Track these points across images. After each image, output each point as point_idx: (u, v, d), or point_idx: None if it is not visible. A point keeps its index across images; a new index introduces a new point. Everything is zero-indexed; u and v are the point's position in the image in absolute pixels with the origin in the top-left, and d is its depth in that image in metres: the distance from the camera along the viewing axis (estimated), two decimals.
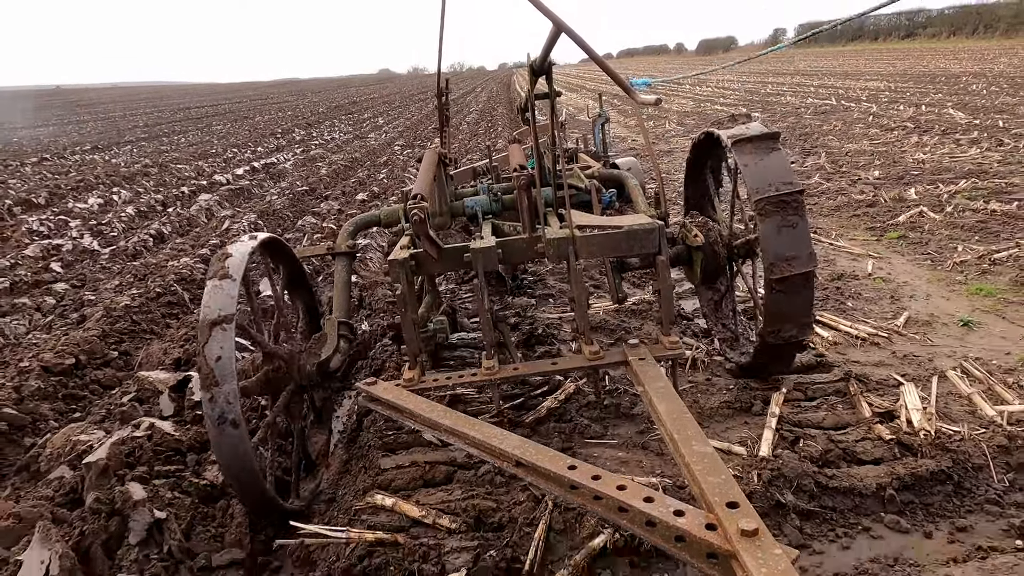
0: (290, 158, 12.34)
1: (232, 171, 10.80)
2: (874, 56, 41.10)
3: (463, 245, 2.74)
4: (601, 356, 2.59)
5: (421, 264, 2.74)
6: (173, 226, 7.36)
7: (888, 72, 24.56)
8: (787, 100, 16.06)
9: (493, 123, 16.38)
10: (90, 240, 6.80)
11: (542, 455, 1.92)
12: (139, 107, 34.69)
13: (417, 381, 2.63)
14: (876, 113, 12.31)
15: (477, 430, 2.13)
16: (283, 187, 9.30)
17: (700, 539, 1.48)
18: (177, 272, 5.27)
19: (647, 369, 2.39)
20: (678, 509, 1.57)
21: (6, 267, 5.80)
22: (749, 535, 1.42)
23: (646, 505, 1.61)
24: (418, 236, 2.63)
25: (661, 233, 2.63)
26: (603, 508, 1.72)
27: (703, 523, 1.52)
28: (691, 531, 1.50)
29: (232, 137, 16.63)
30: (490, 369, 2.62)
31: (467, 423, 2.20)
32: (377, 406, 2.55)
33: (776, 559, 1.35)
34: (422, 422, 2.35)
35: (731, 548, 1.42)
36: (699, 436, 1.86)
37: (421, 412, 2.33)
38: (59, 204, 8.98)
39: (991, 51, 34.51)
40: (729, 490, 1.59)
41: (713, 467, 1.69)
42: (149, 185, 10.11)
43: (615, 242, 2.66)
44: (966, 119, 10.57)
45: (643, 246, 2.65)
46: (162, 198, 8.86)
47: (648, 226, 2.63)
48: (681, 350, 2.65)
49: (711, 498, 1.57)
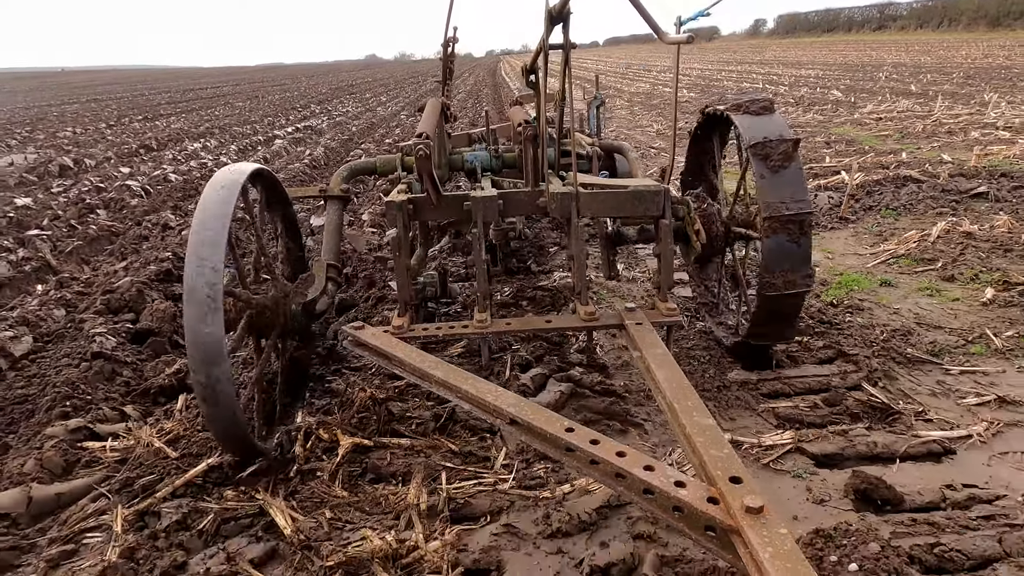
0: (323, 122, 15.20)
1: (283, 130, 13.74)
2: (836, 47, 44.26)
3: (463, 194, 2.69)
4: (596, 317, 2.53)
5: (419, 209, 2.69)
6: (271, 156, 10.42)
7: (831, 62, 27.66)
8: (725, 84, 19.15)
9: (479, 103, 19.30)
10: (224, 160, 9.95)
11: (539, 415, 1.84)
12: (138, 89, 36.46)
13: (406, 329, 2.54)
14: (781, 94, 15.43)
15: (471, 384, 2.03)
16: (327, 139, 12.15)
17: (702, 512, 1.44)
18: (291, 170, 8.37)
19: (644, 335, 2.32)
20: (679, 480, 1.52)
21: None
22: (754, 512, 1.37)
23: (646, 473, 1.56)
24: (420, 175, 2.59)
25: (666, 196, 2.57)
26: (600, 473, 1.67)
27: (705, 496, 1.48)
28: (693, 503, 1.46)
29: (258, 111, 19.22)
30: (482, 322, 2.55)
31: (460, 376, 2.09)
32: (364, 351, 2.46)
33: (782, 538, 1.31)
34: (411, 371, 2.24)
35: (734, 524, 1.38)
36: (700, 407, 1.80)
37: (411, 361, 2.23)
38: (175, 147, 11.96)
39: (950, 43, 37.64)
40: (732, 464, 1.54)
41: (715, 440, 1.64)
42: (226, 138, 13.05)
43: (619, 201, 2.59)
44: (837, 97, 13.72)
45: (647, 208, 2.58)
46: (247, 144, 11.86)
47: (654, 188, 2.57)
48: (678, 317, 2.57)
49: (713, 472, 1.52)
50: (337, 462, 2.30)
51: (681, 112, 12.98)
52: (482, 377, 2.24)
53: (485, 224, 2.77)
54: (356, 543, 1.93)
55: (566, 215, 2.59)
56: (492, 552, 1.92)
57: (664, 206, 2.59)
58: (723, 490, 1.46)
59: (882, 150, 7.74)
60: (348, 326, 2.53)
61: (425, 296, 2.98)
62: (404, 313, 2.65)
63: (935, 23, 64.67)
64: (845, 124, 10.20)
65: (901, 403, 2.58)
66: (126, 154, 11.35)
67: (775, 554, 1.27)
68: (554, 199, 2.58)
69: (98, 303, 3.89)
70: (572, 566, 1.86)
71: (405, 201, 2.64)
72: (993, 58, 24.30)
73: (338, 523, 2.05)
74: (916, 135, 8.80)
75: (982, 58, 24.76)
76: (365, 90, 27.94)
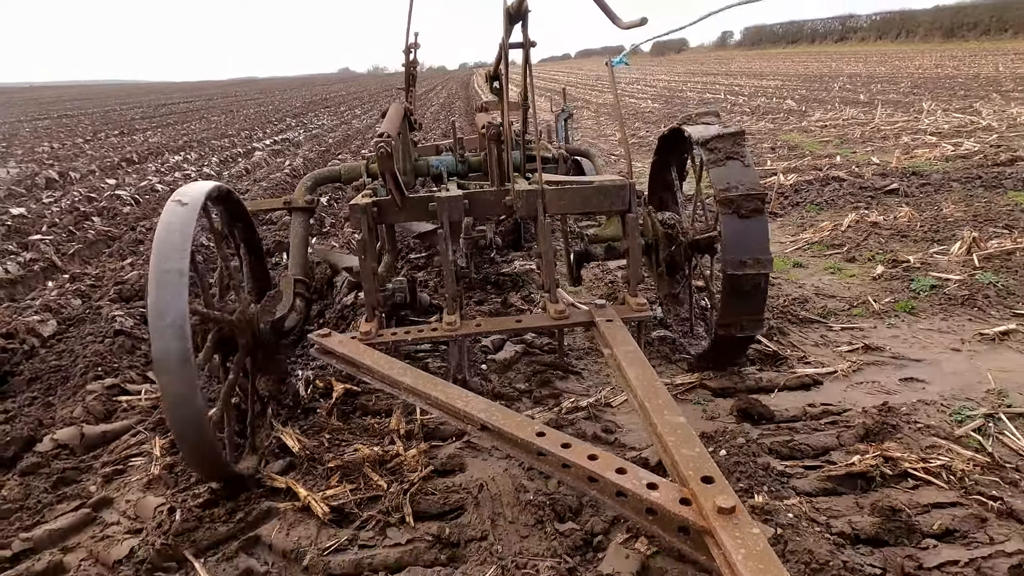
0: (300, 135, 15.70)
1: (261, 143, 14.19)
2: (799, 58, 45.69)
3: (428, 195, 2.69)
4: (567, 315, 2.53)
5: (384, 212, 2.67)
6: (252, 167, 10.87)
7: (791, 73, 28.77)
8: (688, 95, 20.00)
9: (452, 115, 19.95)
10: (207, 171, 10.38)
11: (509, 419, 1.83)
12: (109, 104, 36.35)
13: (374, 334, 2.50)
14: (740, 103, 16.27)
15: (440, 390, 2.02)
16: (305, 150, 12.62)
17: (674, 514, 1.45)
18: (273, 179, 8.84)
19: (615, 332, 2.32)
20: (651, 482, 1.53)
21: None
22: (726, 512, 1.37)
23: (618, 476, 1.56)
24: (383, 175, 2.55)
25: (631, 190, 2.60)
26: (572, 477, 1.67)
27: (677, 497, 1.48)
28: (665, 505, 1.46)
29: (234, 125, 19.61)
30: (451, 324, 2.52)
31: (429, 382, 2.08)
32: (331, 359, 2.42)
33: (754, 538, 1.31)
34: (380, 379, 2.21)
35: (707, 525, 1.38)
36: (671, 405, 1.81)
37: (379, 368, 2.20)
38: (157, 160, 12.33)
39: (906, 54, 39.15)
40: (703, 464, 1.54)
41: (687, 439, 1.64)
42: (205, 151, 13.47)
43: (585, 196, 2.60)
44: (791, 106, 14.56)
45: (613, 202, 2.61)
46: (228, 156, 12.29)
47: (619, 182, 2.60)
48: (648, 312, 2.57)
49: (685, 472, 1.52)
50: (332, 402, 2.85)
51: (644, 122, 13.73)
52: (458, 379, 2.46)
53: (452, 225, 2.75)
54: (350, 454, 2.49)
55: (532, 213, 2.60)
56: (456, 458, 2.48)
57: (630, 200, 2.62)
58: (695, 490, 1.46)
59: (820, 154, 8.47)
60: (314, 333, 2.50)
61: (395, 302, 2.93)
62: (372, 318, 2.63)
63: (893, 34, 66.39)
64: (793, 131, 10.97)
65: (788, 351, 3.20)
66: (109, 167, 11.75)
67: (748, 555, 1.27)
68: (520, 197, 2.59)
69: (111, 292, 4.39)
70: (518, 466, 2.43)
71: (369, 204, 2.64)
72: (943, 68, 25.51)
73: (335, 442, 2.60)
74: (854, 140, 9.57)
75: (932, 68, 25.97)
76: (340, 103, 28.43)
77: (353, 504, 2.25)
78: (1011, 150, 7.50)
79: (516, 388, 3.00)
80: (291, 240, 3.09)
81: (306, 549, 2.05)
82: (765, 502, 2.05)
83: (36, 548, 2.14)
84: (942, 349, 3.16)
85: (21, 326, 3.83)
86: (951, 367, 2.98)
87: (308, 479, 2.40)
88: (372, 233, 2.68)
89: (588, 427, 2.65)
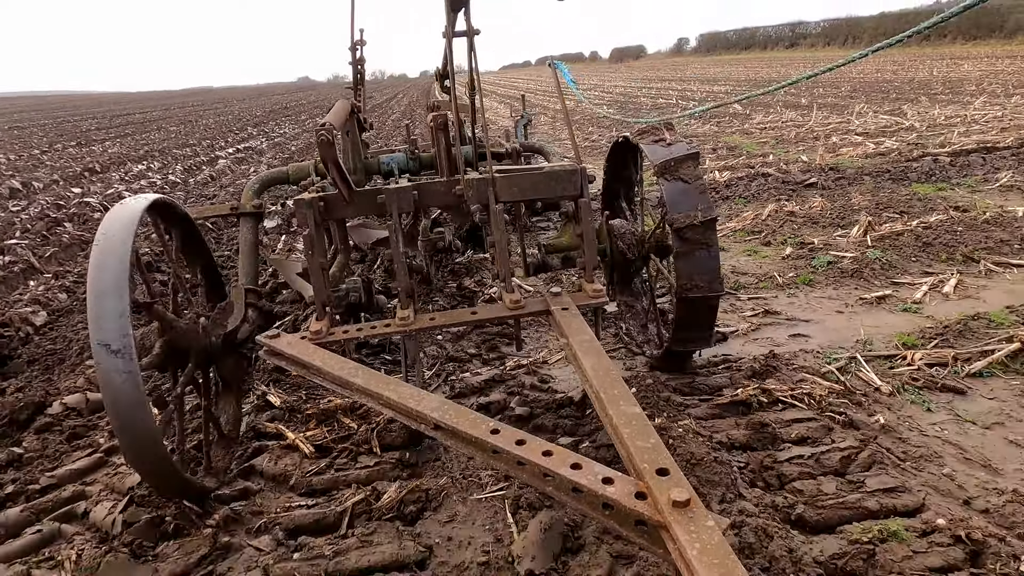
0: (262, 143, 16.00)
1: (224, 151, 14.44)
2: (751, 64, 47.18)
3: (376, 188, 2.65)
4: (522, 305, 2.51)
5: (331, 207, 2.62)
6: (217, 174, 11.14)
7: (743, 78, 29.89)
8: (642, 100, 20.79)
9: (414, 122, 20.41)
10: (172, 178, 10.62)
11: (463, 417, 1.81)
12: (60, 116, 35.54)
13: (325, 334, 2.45)
14: (690, 107, 17.07)
15: (392, 390, 1.98)
16: (268, 158, 12.94)
17: (630, 509, 1.44)
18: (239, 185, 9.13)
19: (570, 320, 2.30)
20: (607, 477, 1.52)
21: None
22: (681, 506, 1.38)
23: (573, 472, 1.55)
24: (325, 164, 2.47)
25: (583, 175, 2.60)
26: (527, 474, 1.66)
27: (633, 492, 1.47)
28: (620, 500, 1.46)
29: (195, 135, 19.75)
30: (404, 320, 2.47)
31: (381, 381, 2.04)
32: (281, 361, 2.36)
33: (709, 531, 1.32)
34: (331, 380, 2.17)
35: (662, 519, 1.38)
36: (626, 395, 1.80)
37: (330, 369, 2.16)
38: (120, 170, 12.48)
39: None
40: (658, 456, 1.54)
41: (642, 430, 1.64)
42: (168, 160, 13.67)
43: (536, 182, 2.59)
44: (736, 110, 15.39)
45: (564, 188, 2.61)
46: (192, 164, 12.51)
47: (569, 167, 2.61)
48: (605, 298, 2.56)
49: (640, 464, 1.52)
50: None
51: (598, 127, 14.36)
52: (413, 376, 2.52)
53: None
54: (325, 403, 2.94)
55: (483, 201, 2.60)
56: None
57: (581, 184, 2.63)
58: (650, 484, 1.46)
59: (755, 153, 9.14)
60: (263, 335, 2.43)
61: (349, 303, 2.90)
62: (323, 317, 2.56)
63: (841, 40, 68.33)
64: (735, 133, 11.68)
65: None
66: (72, 177, 11.92)
67: (703, 550, 1.28)
68: (470, 185, 2.58)
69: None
70: None
71: (316, 198, 2.58)
72: (883, 73, 26.80)
73: (311, 396, 3.05)
74: (789, 141, 10.29)
75: (874, 73, 27.25)
76: (301, 112, 28.60)
77: (330, 441, 2.70)
78: (923, 147, 8.25)
79: (468, 353, 3.49)
80: (240, 248, 3.02)
81: (292, 473, 2.50)
82: (663, 423, 2.56)
83: (60, 482, 2.55)
84: (828, 312, 3.73)
85: (15, 316, 4.18)
86: (833, 324, 3.55)
87: (290, 426, 2.84)
88: (319, 228, 2.63)
89: (527, 380, 3.14)
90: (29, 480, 2.58)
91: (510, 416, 2.80)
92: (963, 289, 3.85)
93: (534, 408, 2.85)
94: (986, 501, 2.10)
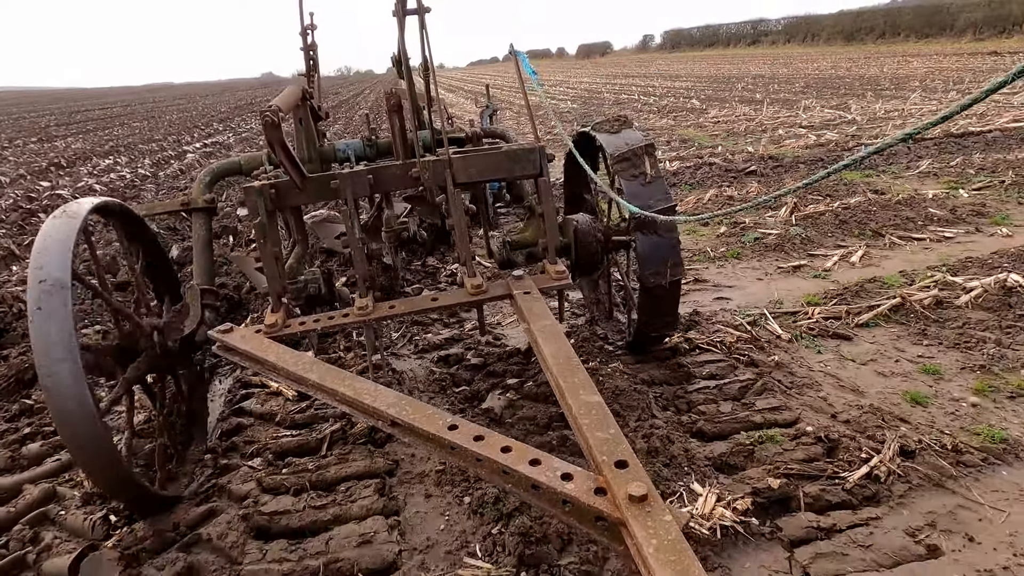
0: (230, 138, 16.20)
1: (191, 146, 14.62)
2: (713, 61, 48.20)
3: (331, 173, 2.59)
4: (484, 290, 2.46)
5: (283, 194, 2.53)
6: (186, 167, 11.35)
7: (704, 75, 30.68)
8: (605, 96, 21.36)
9: (379, 118, 20.69)
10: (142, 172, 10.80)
11: (420, 413, 1.78)
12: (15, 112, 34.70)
13: (280, 326, 2.37)
14: (651, 103, 17.66)
15: (348, 385, 1.94)
16: (237, 152, 13.22)
17: (589, 506, 1.43)
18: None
19: (531, 305, 2.28)
20: (566, 472, 1.51)
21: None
22: (638, 501, 1.36)
23: (531, 469, 1.53)
24: (271, 146, 2.34)
25: (542, 154, 2.56)
26: (486, 470, 1.64)
27: (592, 487, 1.46)
28: (579, 497, 1.44)
29: (159, 130, 19.75)
30: (363, 309, 2.41)
31: (337, 377, 2.00)
32: (234, 357, 2.28)
33: (667, 527, 1.31)
34: (285, 375, 2.11)
35: (620, 516, 1.36)
36: (587, 384, 1.78)
37: (284, 365, 2.08)
38: (87, 164, 12.57)
39: (810, 56, 41.88)
40: (617, 447, 1.53)
41: (601, 420, 1.63)
42: (135, 155, 13.79)
43: (495, 162, 2.54)
44: (695, 105, 16.00)
45: (524, 167, 2.58)
46: (160, 159, 12.66)
47: (528, 147, 2.58)
48: (568, 280, 2.54)
49: (599, 457, 1.51)
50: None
51: (562, 121, 14.83)
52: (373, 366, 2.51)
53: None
54: None
55: (440, 182, 2.54)
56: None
57: (541, 163, 2.59)
58: (609, 478, 1.44)
59: (706, 145, 9.70)
60: (215, 330, 2.39)
61: (308, 294, 2.84)
62: (278, 308, 2.49)
63: (800, 38, 69.53)
64: (690, 127, 12.25)
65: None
66: (38, 171, 12.02)
67: (659, 547, 1.27)
68: (426, 167, 2.52)
69: (81, 268, 5.05)
70: (430, 361, 3.32)
71: (266, 185, 2.51)
72: (837, 70, 27.74)
73: None
74: (739, 134, 10.87)
75: (829, 69, 28.18)
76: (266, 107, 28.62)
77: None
78: (859, 139, 8.88)
79: (431, 318, 3.90)
80: (194, 245, 2.87)
81: (277, 411, 2.90)
82: (596, 367, 3.01)
83: None
84: (750, 279, 4.23)
85: (7, 295, 4.48)
86: (752, 289, 4.05)
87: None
88: (272, 216, 2.56)
89: (482, 338, 3.57)
90: (44, 423, 2.93)
91: (466, 365, 3.24)
92: (868, 259, 4.39)
93: (487, 359, 3.29)
94: (848, 414, 2.60)
